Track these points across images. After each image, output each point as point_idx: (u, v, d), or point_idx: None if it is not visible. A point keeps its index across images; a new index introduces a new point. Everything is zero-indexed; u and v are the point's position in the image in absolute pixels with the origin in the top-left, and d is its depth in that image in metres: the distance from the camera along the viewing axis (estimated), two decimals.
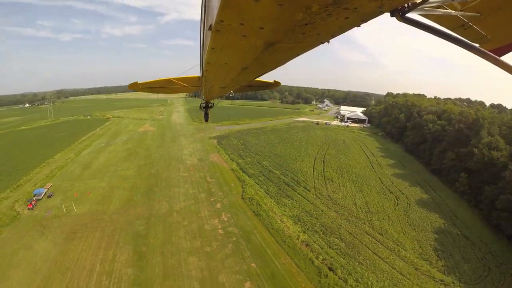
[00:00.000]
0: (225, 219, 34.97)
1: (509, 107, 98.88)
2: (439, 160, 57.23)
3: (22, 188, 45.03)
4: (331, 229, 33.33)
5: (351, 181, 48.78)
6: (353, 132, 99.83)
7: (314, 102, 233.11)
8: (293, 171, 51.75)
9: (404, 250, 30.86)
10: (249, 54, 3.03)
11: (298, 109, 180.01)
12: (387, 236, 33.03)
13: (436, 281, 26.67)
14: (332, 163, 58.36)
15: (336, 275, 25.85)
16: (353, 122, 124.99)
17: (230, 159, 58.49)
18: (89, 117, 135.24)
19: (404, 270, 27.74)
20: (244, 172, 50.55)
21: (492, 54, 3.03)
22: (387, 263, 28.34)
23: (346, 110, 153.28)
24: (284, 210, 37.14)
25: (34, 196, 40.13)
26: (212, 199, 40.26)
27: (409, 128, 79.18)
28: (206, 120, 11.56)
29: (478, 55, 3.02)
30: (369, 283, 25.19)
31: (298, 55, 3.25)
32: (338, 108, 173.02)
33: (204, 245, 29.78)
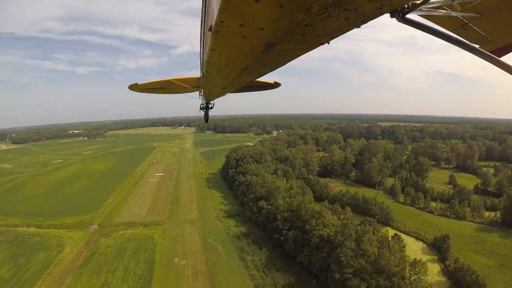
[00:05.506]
0: (194, 166, 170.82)
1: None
2: None
3: (146, 162, 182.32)
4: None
5: None
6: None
7: (273, 131, 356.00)
8: (217, 157, 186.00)
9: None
10: (249, 55, 3.20)
11: (255, 138, 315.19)
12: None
13: None
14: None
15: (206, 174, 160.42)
16: None
17: (201, 157, 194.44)
18: (142, 146, 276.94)
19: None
20: (203, 158, 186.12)
21: (492, 55, 3.18)
22: None
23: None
24: (206, 163, 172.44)
25: (153, 161, 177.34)
26: (192, 163, 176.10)
27: None
28: (206, 121, 11.97)
29: (479, 56, 3.13)
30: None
31: (298, 56, 3.42)
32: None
33: (190, 165, 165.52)
